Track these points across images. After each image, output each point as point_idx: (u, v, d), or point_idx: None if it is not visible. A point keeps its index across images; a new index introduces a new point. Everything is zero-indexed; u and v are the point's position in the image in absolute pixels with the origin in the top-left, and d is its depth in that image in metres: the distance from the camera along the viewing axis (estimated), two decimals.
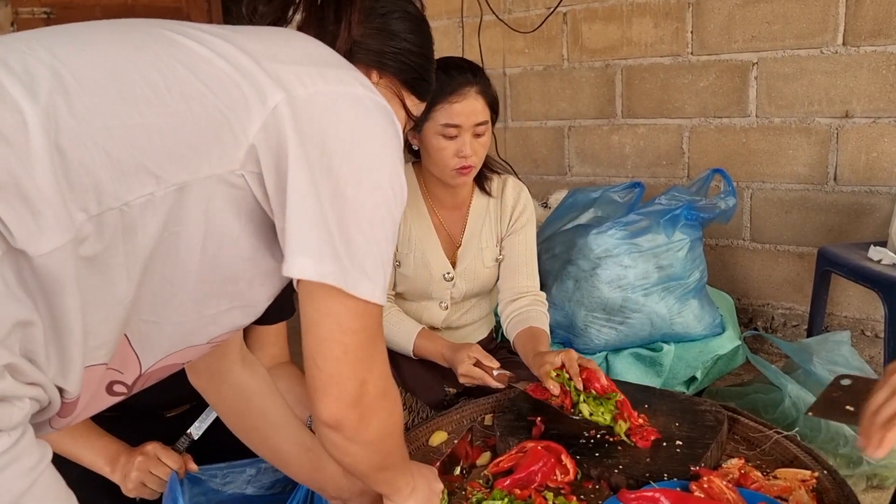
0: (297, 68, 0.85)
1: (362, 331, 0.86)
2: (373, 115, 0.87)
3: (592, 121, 3.26)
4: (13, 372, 0.69)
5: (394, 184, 0.88)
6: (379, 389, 0.90)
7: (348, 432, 0.89)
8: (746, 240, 2.92)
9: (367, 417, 0.89)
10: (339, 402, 0.87)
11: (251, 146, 0.80)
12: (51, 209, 0.68)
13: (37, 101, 0.69)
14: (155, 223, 0.75)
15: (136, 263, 0.75)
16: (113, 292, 0.75)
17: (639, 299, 2.22)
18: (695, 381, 2.25)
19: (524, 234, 1.87)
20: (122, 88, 0.75)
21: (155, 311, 0.82)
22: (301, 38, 0.94)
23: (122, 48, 0.79)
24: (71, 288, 0.70)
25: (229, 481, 1.36)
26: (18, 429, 0.70)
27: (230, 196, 0.81)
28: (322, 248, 0.81)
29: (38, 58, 0.73)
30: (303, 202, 0.81)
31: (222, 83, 0.79)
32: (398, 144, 0.90)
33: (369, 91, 0.89)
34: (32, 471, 0.70)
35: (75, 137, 0.70)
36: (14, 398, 0.69)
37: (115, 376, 0.86)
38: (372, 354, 0.89)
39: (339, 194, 0.82)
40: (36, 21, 3.22)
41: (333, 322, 0.85)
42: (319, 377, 0.86)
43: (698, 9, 2.88)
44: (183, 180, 0.76)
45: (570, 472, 1.28)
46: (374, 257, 0.85)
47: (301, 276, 0.81)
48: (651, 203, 2.28)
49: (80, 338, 0.73)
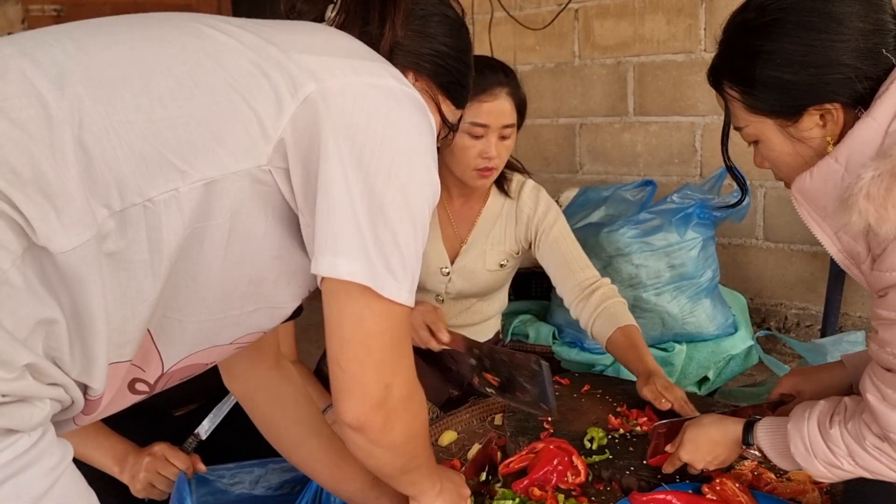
0: (326, 59, 0.83)
1: (387, 333, 0.84)
2: (405, 107, 0.85)
3: (604, 118, 3.23)
4: (34, 372, 0.68)
5: (426, 179, 0.85)
6: (404, 393, 0.88)
7: (372, 435, 0.87)
8: (760, 239, 2.89)
9: (392, 420, 0.87)
10: (362, 404, 0.85)
11: (280, 140, 0.78)
12: (73, 205, 0.67)
13: (62, 94, 0.69)
14: (180, 220, 0.74)
15: (161, 261, 0.74)
16: (138, 289, 0.74)
17: (650, 298, 2.20)
18: (707, 381, 2.23)
19: (556, 230, 1.80)
20: (147, 82, 0.73)
21: (178, 308, 0.81)
22: (331, 32, 0.92)
23: (149, 42, 0.78)
24: (94, 285, 0.69)
25: (237, 482, 1.35)
26: (39, 429, 0.69)
27: (257, 192, 0.79)
28: (352, 246, 0.79)
29: (65, 51, 0.73)
30: (334, 197, 0.79)
31: (251, 75, 0.78)
32: (432, 139, 0.87)
33: (402, 84, 0.87)
34: (53, 471, 0.70)
35: (98, 132, 0.69)
36: (35, 399, 0.69)
37: (137, 373, 0.85)
38: (397, 357, 0.86)
39: (369, 189, 0.79)
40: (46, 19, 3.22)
41: (356, 323, 0.83)
42: (343, 378, 0.84)
43: (711, 5, 2.85)
44: (209, 176, 0.75)
45: (581, 473, 1.27)
46: (402, 256, 0.82)
47: (330, 274, 0.80)
48: (663, 201, 2.26)
49: (105, 335, 0.72)
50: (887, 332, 0.97)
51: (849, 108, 1.02)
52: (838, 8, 1.00)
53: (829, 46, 1.00)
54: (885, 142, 0.95)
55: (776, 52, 1.03)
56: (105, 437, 1.31)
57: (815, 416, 1.07)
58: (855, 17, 1.00)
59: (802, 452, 1.06)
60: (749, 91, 1.07)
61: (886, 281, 0.95)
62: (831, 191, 1.00)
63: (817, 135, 1.05)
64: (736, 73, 1.09)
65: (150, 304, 0.75)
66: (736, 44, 1.09)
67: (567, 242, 1.81)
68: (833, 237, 1.05)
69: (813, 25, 1.00)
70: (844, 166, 0.98)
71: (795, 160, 1.07)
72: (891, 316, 0.96)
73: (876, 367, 1.00)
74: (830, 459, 1.04)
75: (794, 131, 1.06)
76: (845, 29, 0.99)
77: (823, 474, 1.06)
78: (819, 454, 1.05)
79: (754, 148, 1.15)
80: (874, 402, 0.98)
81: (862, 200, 0.90)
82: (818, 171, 1.02)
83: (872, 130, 0.96)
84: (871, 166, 0.91)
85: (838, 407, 1.06)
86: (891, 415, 0.96)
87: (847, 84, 1.00)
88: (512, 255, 1.84)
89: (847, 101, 1.01)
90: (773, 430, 1.13)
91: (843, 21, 0.99)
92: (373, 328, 0.83)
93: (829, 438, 1.04)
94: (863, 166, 0.93)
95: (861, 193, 0.90)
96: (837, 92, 1.01)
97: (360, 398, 0.85)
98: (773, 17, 1.03)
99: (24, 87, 0.68)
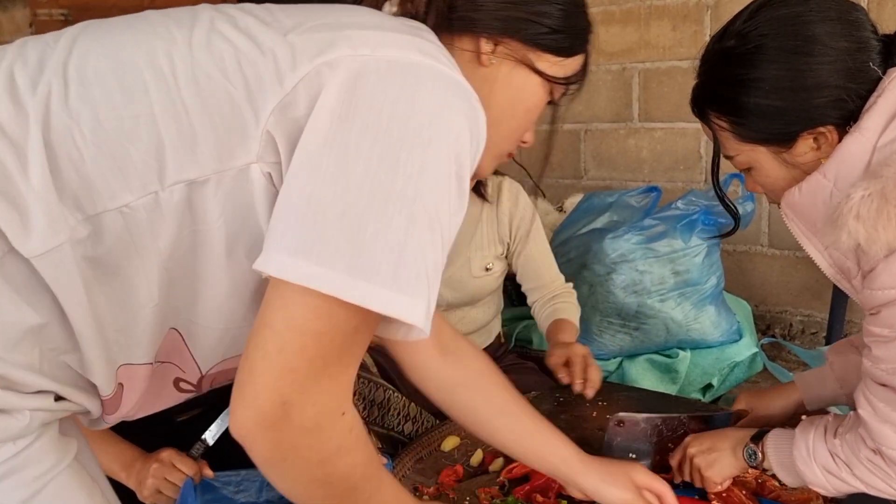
0: (336, 34, 0.71)
1: (314, 336, 0.65)
2: (429, 84, 0.69)
3: (609, 124, 3.23)
4: (10, 384, 0.66)
5: (451, 173, 0.68)
6: (307, 421, 0.67)
7: (257, 457, 0.68)
8: (764, 245, 2.88)
9: (283, 451, 0.67)
10: (248, 411, 0.65)
11: (266, 133, 0.68)
12: (42, 209, 0.64)
13: (34, 94, 0.66)
14: (165, 224, 0.69)
15: (153, 267, 0.70)
16: (134, 295, 0.71)
17: (654, 305, 2.20)
18: (711, 388, 2.22)
19: (532, 236, 1.81)
20: (122, 77, 0.68)
21: (200, 315, 0.76)
22: (362, 10, 0.79)
23: (138, 35, 0.72)
24: (74, 290, 0.67)
25: (242, 489, 1.34)
26: (24, 438, 0.68)
27: (252, 193, 0.70)
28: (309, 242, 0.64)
29: (55, 50, 0.70)
30: (298, 181, 0.66)
31: (236, 62, 0.69)
32: (468, 125, 0.70)
33: (433, 59, 0.71)
34: (38, 479, 0.68)
35: (64, 132, 0.65)
36: (13, 410, 0.67)
37: (178, 373, 0.82)
38: (316, 372, 0.66)
39: (371, 177, 0.65)
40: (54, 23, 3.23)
41: (280, 308, 0.65)
42: (242, 369, 0.67)
43: (717, 12, 2.85)
44: (189, 177, 0.68)
45: None
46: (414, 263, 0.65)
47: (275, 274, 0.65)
48: (668, 208, 2.26)
49: (95, 339, 0.70)
50: (881, 349, 0.97)
51: (842, 128, 1.00)
52: (820, 29, 0.99)
53: (816, 69, 0.98)
54: (874, 158, 0.94)
55: (763, 79, 1.01)
56: (112, 444, 1.30)
57: (823, 423, 1.08)
58: (838, 37, 0.98)
59: (804, 456, 1.07)
60: (738, 121, 1.05)
61: (878, 299, 0.95)
62: (820, 206, 0.99)
63: (812, 158, 1.03)
64: (723, 104, 1.07)
65: (151, 310, 0.72)
66: (719, 73, 1.07)
67: (539, 248, 1.83)
68: (823, 252, 1.04)
69: (797, 49, 0.99)
70: (833, 182, 0.98)
71: (791, 184, 1.06)
72: (883, 333, 0.96)
73: (869, 382, 1.01)
74: (830, 466, 1.04)
75: (788, 157, 1.05)
76: (830, 50, 0.98)
77: (821, 482, 1.06)
78: (819, 458, 1.05)
79: (746, 174, 1.13)
80: (867, 417, 0.99)
81: (852, 221, 0.89)
82: (807, 186, 1.01)
83: (860, 146, 0.96)
84: (860, 186, 0.90)
85: (846, 419, 1.06)
86: (882, 428, 0.96)
87: (838, 105, 0.99)
88: (497, 258, 1.81)
89: (839, 121, 1.00)
90: (781, 437, 1.13)
91: (826, 42, 0.98)
92: (299, 323, 0.65)
93: (831, 446, 1.04)
94: (852, 186, 0.92)
95: (851, 214, 0.89)
96: (829, 114, 1.00)
97: (249, 403, 0.66)
98: (755, 43, 1.01)
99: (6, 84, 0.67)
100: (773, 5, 1.03)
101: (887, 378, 0.97)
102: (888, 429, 0.96)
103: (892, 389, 0.97)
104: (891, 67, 1.00)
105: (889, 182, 0.88)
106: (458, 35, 0.84)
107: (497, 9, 0.84)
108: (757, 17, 1.03)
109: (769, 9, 1.03)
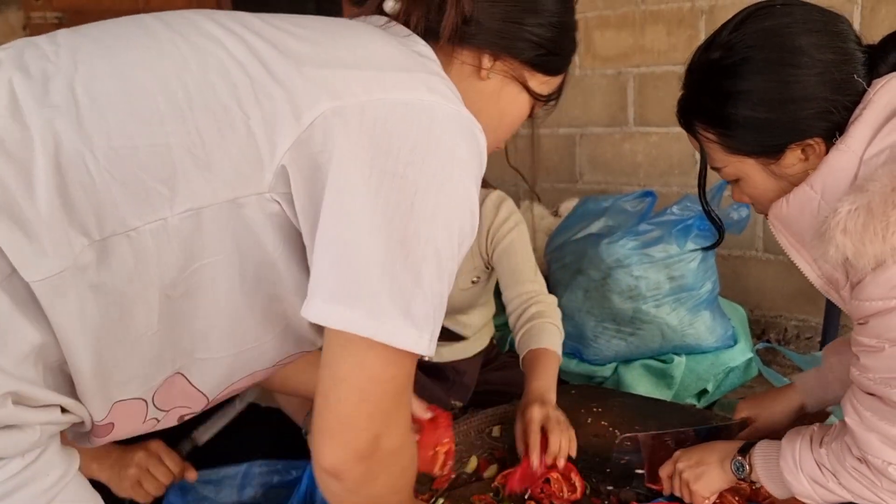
0: (347, 73, 0.73)
1: (389, 381, 0.74)
2: (440, 126, 0.73)
3: (604, 129, 3.23)
4: (21, 399, 0.66)
5: (457, 212, 0.74)
6: (395, 446, 0.77)
7: (349, 484, 0.76)
8: (759, 251, 2.88)
9: (375, 472, 0.77)
10: (345, 451, 0.74)
11: (280, 167, 0.70)
12: (48, 233, 0.63)
13: (41, 114, 0.65)
14: (171, 250, 0.69)
15: (154, 293, 0.69)
16: (132, 324, 0.70)
17: (650, 310, 2.19)
18: (706, 393, 2.22)
19: (511, 239, 1.72)
20: (136, 103, 0.68)
21: (208, 348, 0.76)
22: (367, 35, 0.81)
23: (145, 53, 0.71)
24: (69, 317, 0.66)
25: (224, 487, 1.32)
26: (33, 452, 0.67)
27: (262, 220, 0.72)
28: (350, 289, 0.69)
29: (58, 65, 0.68)
30: (336, 229, 0.70)
31: (252, 93, 0.70)
32: (474, 163, 0.76)
33: (441, 97, 0.75)
34: (48, 491, 0.68)
35: (76, 157, 0.65)
36: (24, 425, 0.67)
37: (183, 411, 0.83)
38: (395, 407, 0.76)
39: (387, 222, 0.69)
40: (48, 26, 3.23)
41: (357, 365, 0.73)
42: (329, 419, 0.74)
43: (712, 17, 2.86)
44: (200, 204, 0.69)
45: (578, 490, 1.27)
46: (424, 299, 0.71)
47: (322, 321, 0.70)
48: (663, 213, 2.26)
49: (90, 370, 0.69)
50: (868, 358, 0.98)
51: (829, 140, 1.00)
52: (805, 41, 0.98)
53: (803, 81, 0.98)
54: (861, 171, 0.94)
55: (751, 91, 1.00)
56: None
57: (809, 434, 1.08)
58: (824, 48, 0.98)
59: (791, 466, 1.07)
60: (726, 133, 1.05)
61: (866, 310, 0.95)
62: (808, 218, 0.99)
63: (800, 169, 1.03)
64: (710, 116, 1.06)
65: (148, 339, 0.72)
66: (706, 85, 1.06)
67: (518, 252, 1.72)
68: (812, 263, 1.04)
69: (784, 61, 0.99)
70: (820, 194, 0.98)
71: (779, 195, 1.06)
72: (871, 343, 0.96)
73: (856, 390, 1.01)
74: (817, 476, 1.04)
75: (776, 168, 1.05)
76: (816, 61, 0.98)
77: (809, 493, 1.06)
78: (806, 469, 1.05)
79: (734, 185, 1.13)
80: (853, 426, 0.99)
81: (839, 235, 0.89)
82: (794, 198, 1.02)
83: (846, 158, 0.96)
84: (847, 200, 0.90)
85: (832, 429, 1.07)
86: (868, 436, 0.96)
87: (825, 117, 0.99)
88: (482, 270, 1.78)
89: (826, 133, 1.00)
90: (768, 449, 1.13)
91: (812, 54, 0.98)
92: (375, 375, 0.73)
93: (817, 455, 1.05)
94: (839, 200, 0.92)
95: (838, 228, 0.89)
96: (816, 125, 1.00)
97: (344, 445, 0.74)
98: (742, 55, 1.01)
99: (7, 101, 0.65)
100: (758, 16, 1.02)
101: (874, 387, 0.97)
102: (874, 437, 0.96)
103: (879, 398, 0.97)
104: (875, 79, 1.00)
105: (875, 196, 0.88)
106: (462, 48, 0.87)
107: (503, 29, 0.87)
108: (742, 28, 1.03)
109: (755, 20, 1.02)
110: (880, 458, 0.95)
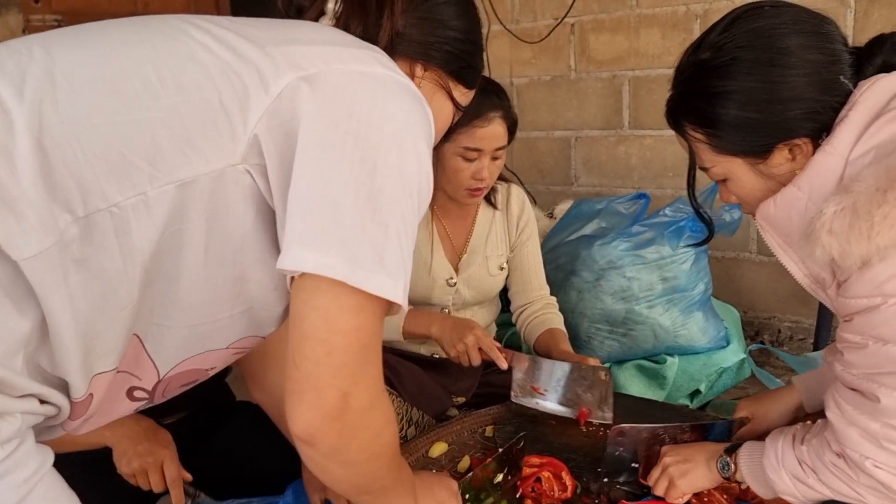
0: (307, 48, 0.79)
1: (353, 332, 0.75)
2: (396, 94, 0.80)
3: (599, 131, 3.25)
4: (3, 387, 0.68)
5: (418, 171, 0.79)
6: (364, 404, 0.78)
7: (324, 449, 0.77)
8: (753, 252, 2.90)
9: (347, 436, 0.77)
10: (313, 411, 0.75)
11: (253, 137, 0.75)
12: (34, 211, 0.66)
13: (22, 99, 0.68)
14: (151, 223, 0.72)
15: (135, 267, 0.72)
16: (114, 298, 0.72)
17: (642, 311, 2.21)
18: (699, 394, 2.24)
19: (530, 244, 1.92)
20: (113, 84, 0.72)
21: (166, 314, 0.79)
22: (319, 27, 0.89)
23: (119, 44, 0.76)
24: (60, 293, 0.68)
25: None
26: (12, 442, 0.69)
27: (232, 192, 0.76)
28: (326, 237, 0.72)
29: (33, 57, 0.72)
30: (308, 183, 0.74)
31: (222, 72, 0.75)
32: (426, 129, 0.82)
33: (392, 71, 0.82)
34: (27, 482, 0.70)
35: (58, 136, 0.68)
36: (6, 413, 0.69)
37: (132, 381, 0.84)
38: (362, 362, 0.76)
39: (354, 178, 0.74)
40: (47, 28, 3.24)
41: (321, 318, 0.74)
42: (296, 379, 0.75)
43: (706, 20, 2.87)
44: (178, 178, 0.72)
45: (569, 489, 1.28)
46: (394, 250, 0.75)
47: (297, 267, 0.73)
48: (656, 214, 2.27)
49: (75, 345, 0.71)
50: (852, 354, 1.00)
51: (816, 140, 1.02)
52: (794, 41, 1.00)
53: (791, 81, 0.99)
54: (846, 171, 0.96)
55: (739, 91, 1.02)
56: None
57: (792, 432, 1.10)
58: (811, 49, 1.00)
59: (773, 464, 1.09)
60: (714, 133, 1.06)
61: (852, 307, 0.97)
62: (795, 218, 1.01)
63: (787, 169, 1.05)
64: (699, 116, 1.07)
65: (129, 312, 0.74)
66: (695, 85, 1.07)
67: (534, 258, 1.93)
68: (799, 263, 1.06)
69: (773, 62, 1.00)
70: (807, 195, 0.99)
71: (766, 195, 1.07)
72: (855, 339, 0.98)
73: (839, 385, 1.03)
74: (798, 473, 1.06)
75: (763, 168, 1.06)
76: (804, 62, 0.99)
77: (790, 490, 1.08)
78: (787, 466, 1.07)
79: (721, 185, 1.14)
80: (834, 420, 1.01)
81: (825, 236, 0.91)
82: (782, 198, 1.03)
83: (832, 159, 0.97)
84: (832, 201, 0.92)
85: (813, 427, 1.08)
86: (848, 430, 0.98)
87: (812, 117, 1.00)
88: (508, 258, 1.93)
89: (813, 133, 1.01)
90: (754, 449, 1.15)
91: (800, 55, 0.99)
92: (339, 325, 0.74)
93: (798, 452, 1.06)
94: (825, 201, 0.93)
95: (824, 229, 0.91)
96: (803, 126, 1.01)
97: (312, 405, 0.75)
98: (730, 56, 1.02)
99: None
100: (747, 17, 1.04)
101: (857, 382, 0.99)
102: (854, 431, 0.98)
103: (860, 393, 0.99)
104: (861, 80, 1.01)
105: (860, 197, 0.89)
106: (397, 57, 0.93)
107: (434, 42, 0.97)
108: (731, 29, 1.04)
109: (744, 21, 1.04)
110: (858, 452, 0.97)
